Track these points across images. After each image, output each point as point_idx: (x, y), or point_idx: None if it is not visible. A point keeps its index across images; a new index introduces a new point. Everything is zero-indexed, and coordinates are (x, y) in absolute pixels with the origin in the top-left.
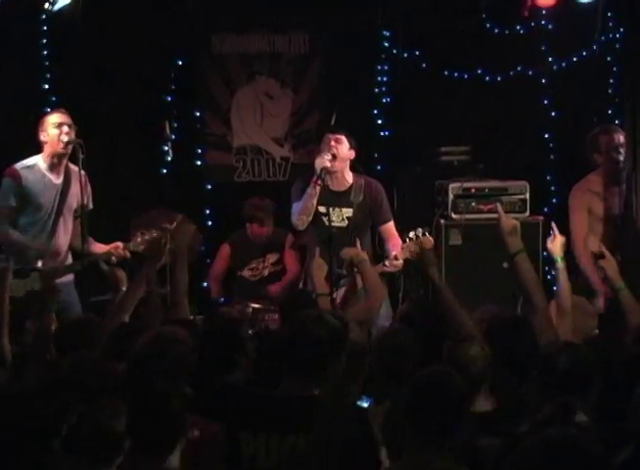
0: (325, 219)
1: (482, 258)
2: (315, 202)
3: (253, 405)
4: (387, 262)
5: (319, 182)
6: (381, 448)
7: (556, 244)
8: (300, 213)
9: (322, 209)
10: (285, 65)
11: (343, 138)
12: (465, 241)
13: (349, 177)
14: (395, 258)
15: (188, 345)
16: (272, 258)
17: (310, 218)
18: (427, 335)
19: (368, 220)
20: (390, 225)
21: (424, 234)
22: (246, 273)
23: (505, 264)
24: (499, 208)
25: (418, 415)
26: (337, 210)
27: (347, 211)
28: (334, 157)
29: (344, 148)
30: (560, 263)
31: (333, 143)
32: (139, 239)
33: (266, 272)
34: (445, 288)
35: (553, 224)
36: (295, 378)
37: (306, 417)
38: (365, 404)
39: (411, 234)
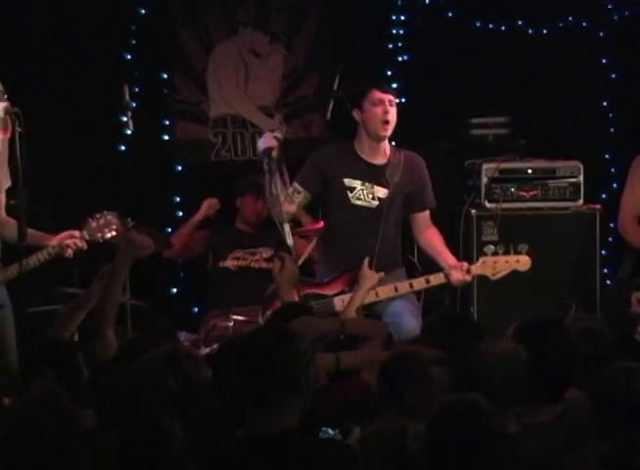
0: (350, 195)
1: None
2: (276, 190)
3: (206, 453)
4: (453, 275)
5: (267, 168)
6: None
7: None
8: (270, 207)
9: (348, 181)
10: (275, 14)
11: (395, 100)
12: (502, 236)
13: (387, 149)
14: (468, 271)
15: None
16: (266, 252)
17: (290, 209)
18: (454, 348)
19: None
20: (427, 213)
21: (518, 252)
22: (228, 263)
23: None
24: None
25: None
26: (367, 185)
27: (381, 191)
28: (277, 139)
29: (394, 111)
30: None
31: (388, 107)
32: (94, 224)
33: (256, 266)
34: None
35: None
36: (253, 411)
37: (274, 458)
38: (330, 432)
39: (491, 248)
